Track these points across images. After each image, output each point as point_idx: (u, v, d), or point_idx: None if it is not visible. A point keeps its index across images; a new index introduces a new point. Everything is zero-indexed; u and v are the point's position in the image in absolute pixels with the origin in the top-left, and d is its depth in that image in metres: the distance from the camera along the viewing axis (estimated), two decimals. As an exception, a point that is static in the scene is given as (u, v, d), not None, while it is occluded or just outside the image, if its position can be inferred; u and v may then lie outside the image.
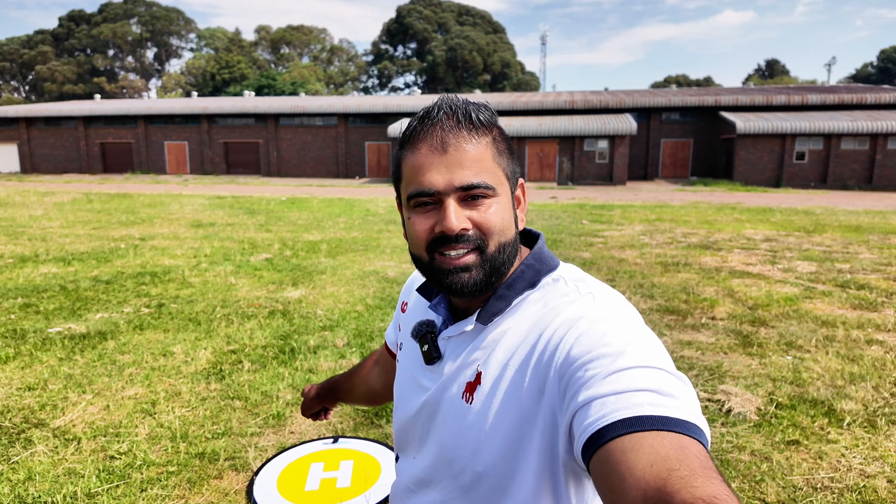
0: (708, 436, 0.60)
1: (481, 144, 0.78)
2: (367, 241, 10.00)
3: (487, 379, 0.78)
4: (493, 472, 0.77)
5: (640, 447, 0.56)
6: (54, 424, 3.22)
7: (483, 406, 0.78)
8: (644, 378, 0.62)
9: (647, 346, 0.68)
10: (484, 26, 70.53)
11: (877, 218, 13.76)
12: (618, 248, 9.34)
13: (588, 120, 28.43)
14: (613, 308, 0.75)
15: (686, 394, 0.63)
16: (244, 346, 4.50)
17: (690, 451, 0.55)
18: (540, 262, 0.83)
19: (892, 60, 65.37)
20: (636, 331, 0.70)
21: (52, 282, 6.64)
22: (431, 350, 0.87)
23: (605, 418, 0.60)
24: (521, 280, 0.82)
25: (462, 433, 0.80)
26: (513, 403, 0.75)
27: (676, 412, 0.59)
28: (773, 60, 73.70)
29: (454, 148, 0.76)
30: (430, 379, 0.87)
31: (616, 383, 0.62)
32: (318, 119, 33.75)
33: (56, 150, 36.14)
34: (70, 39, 69.33)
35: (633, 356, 0.65)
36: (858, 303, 5.87)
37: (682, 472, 0.53)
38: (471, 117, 0.78)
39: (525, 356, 0.76)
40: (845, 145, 25.52)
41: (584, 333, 0.70)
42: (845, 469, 2.81)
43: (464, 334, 0.85)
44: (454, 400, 0.82)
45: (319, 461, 2.92)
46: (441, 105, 0.79)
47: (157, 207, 15.70)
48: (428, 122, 0.78)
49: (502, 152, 0.81)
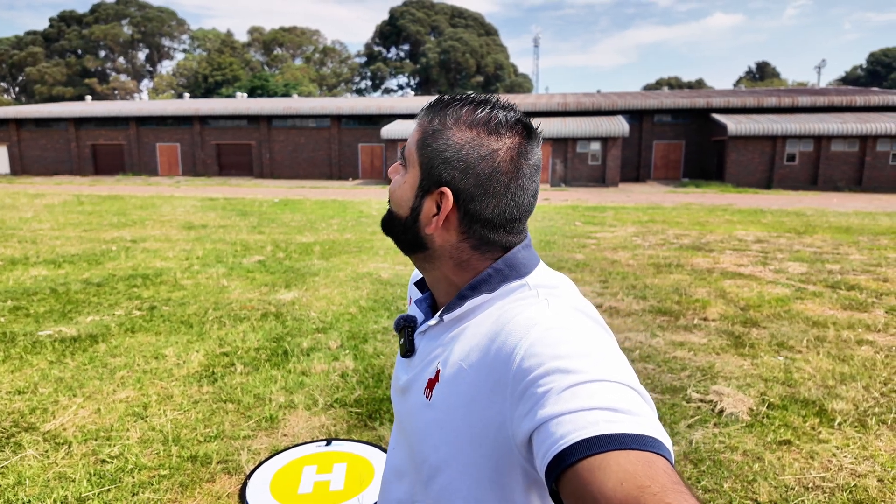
0: (671, 448, 0.59)
1: (421, 125, 0.83)
2: (360, 242, 9.99)
3: (444, 377, 0.80)
4: (446, 469, 0.79)
5: (606, 466, 0.55)
6: (44, 428, 3.19)
7: (440, 403, 0.79)
8: (599, 393, 0.61)
9: (602, 357, 0.66)
10: (477, 28, 70.66)
11: (866, 219, 13.87)
12: (610, 249, 9.38)
13: (581, 122, 28.53)
14: (568, 315, 0.74)
15: (643, 407, 0.62)
16: (237, 349, 4.48)
17: (658, 467, 0.55)
18: (510, 268, 0.83)
19: (881, 63, 66.00)
20: (591, 341, 0.69)
21: (43, 284, 6.59)
22: (406, 344, 0.90)
23: (564, 440, 0.59)
24: (486, 283, 0.82)
25: (422, 428, 0.82)
26: (465, 405, 0.75)
27: (635, 428, 0.58)
28: (763, 63, 74.23)
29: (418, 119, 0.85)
30: (406, 372, 0.90)
31: (571, 401, 0.61)
32: (311, 120, 33.68)
33: (46, 152, 35.88)
34: (61, 40, 68.89)
35: (587, 369, 0.63)
36: (849, 303, 5.92)
37: (653, 488, 0.52)
38: (446, 105, 0.82)
39: (479, 358, 0.76)
40: (835, 147, 25.73)
41: (536, 342, 0.69)
42: (836, 468, 2.83)
43: (431, 331, 0.87)
44: (418, 395, 0.84)
45: (312, 464, 2.91)
46: (462, 95, 0.84)
47: (149, 209, 15.61)
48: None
49: (432, 146, 0.81)
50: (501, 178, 0.79)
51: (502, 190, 0.79)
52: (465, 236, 0.82)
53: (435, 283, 0.88)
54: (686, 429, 3.24)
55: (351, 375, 3.96)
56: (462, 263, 0.83)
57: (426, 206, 0.82)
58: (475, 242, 0.82)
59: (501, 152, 0.79)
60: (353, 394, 3.67)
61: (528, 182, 0.81)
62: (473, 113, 0.80)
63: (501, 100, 0.83)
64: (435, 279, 0.87)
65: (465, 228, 0.81)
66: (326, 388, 3.76)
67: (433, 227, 0.82)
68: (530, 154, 0.81)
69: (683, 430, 3.22)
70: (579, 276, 7.24)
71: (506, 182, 0.79)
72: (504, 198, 0.80)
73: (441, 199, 0.81)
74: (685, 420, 3.34)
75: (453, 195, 0.80)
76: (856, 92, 32.08)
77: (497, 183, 0.79)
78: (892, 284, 6.76)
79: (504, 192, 0.79)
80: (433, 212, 0.81)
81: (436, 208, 0.81)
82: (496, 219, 0.81)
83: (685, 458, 2.94)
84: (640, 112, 31.01)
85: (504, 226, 0.81)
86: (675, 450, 3.01)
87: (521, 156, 0.79)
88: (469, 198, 0.80)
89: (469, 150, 0.79)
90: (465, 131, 0.79)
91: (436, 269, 0.86)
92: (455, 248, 0.83)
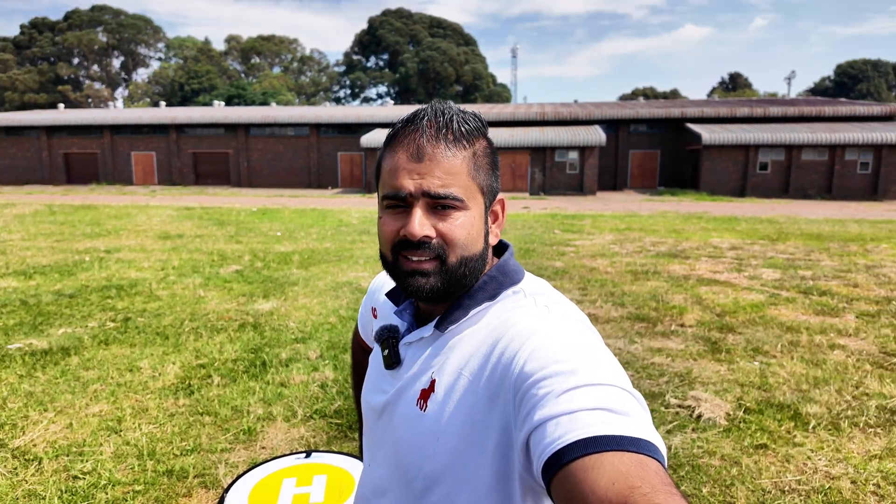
0: (663, 451, 0.61)
1: (458, 157, 0.78)
2: (340, 251, 9.93)
3: (441, 387, 0.79)
4: (444, 480, 0.78)
5: (600, 466, 0.56)
6: (13, 444, 3.10)
7: (436, 414, 0.78)
8: (596, 396, 0.63)
9: (600, 362, 0.68)
10: (455, 38, 71.10)
11: (836, 226, 14.22)
12: (589, 257, 9.46)
13: (559, 131, 28.83)
14: (566, 323, 0.75)
15: (638, 410, 0.63)
16: (214, 360, 4.41)
17: (650, 468, 0.56)
18: (503, 275, 0.84)
19: (848, 75, 67.94)
20: (589, 347, 0.71)
21: (13, 296, 6.42)
22: (391, 355, 0.88)
23: (561, 440, 0.60)
24: (483, 291, 0.83)
25: (415, 440, 0.81)
26: (465, 413, 0.75)
27: (630, 430, 0.60)
28: (736, 73, 75.90)
29: (430, 157, 0.77)
30: (390, 384, 0.88)
31: (569, 402, 0.62)
32: (290, 129, 33.47)
33: (17, 161, 35.06)
34: (33, 47, 67.57)
35: (585, 374, 0.65)
36: (821, 309, 6.05)
37: (643, 489, 0.54)
38: (453, 128, 0.79)
39: (479, 366, 0.76)
40: (806, 156, 26.36)
41: (537, 349, 0.70)
42: (811, 471, 2.88)
43: (423, 340, 0.86)
44: (409, 406, 0.82)
45: (292, 476, 2.87)
46: (427, 112, 0.80)
47: (124, 219, 15.34)
48: (410, 128, 0.79)
49: (481, 167, 0.81)
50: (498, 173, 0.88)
51: (499, 186, 0.87)
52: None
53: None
54: (665, 434, 3.27)
55: (331, 386, 3.93)
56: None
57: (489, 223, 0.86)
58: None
59: (492, 146, 0.86)
60: (333, 404, 3.64)
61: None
62: (472, 122, 0.82)
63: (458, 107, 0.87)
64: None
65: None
66: (306, 399, 3.71)
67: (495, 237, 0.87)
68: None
69: (662, 435, 3.25)
70: (559, 283, 7.29)
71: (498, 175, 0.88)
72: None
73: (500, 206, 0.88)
74: (664, 425, 3.37)
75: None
76: (825, 102, 32.98)
77: (498, 180, 0.87)
78: (861, 290, 6.93)
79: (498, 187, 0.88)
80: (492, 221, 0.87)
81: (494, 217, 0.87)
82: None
83: (664, 463, 2.97)
84: (617, 122, 31.45)
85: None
86: (655, 456, 3.03)
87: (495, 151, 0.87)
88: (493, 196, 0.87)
89: (488, 154, 0.84)
90: (482, 141, 0.83)
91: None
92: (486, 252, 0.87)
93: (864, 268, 8.40)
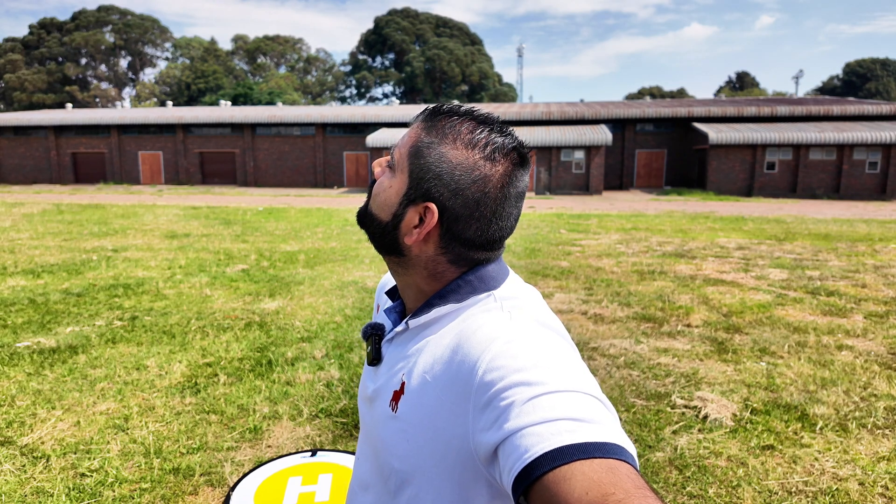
0: (632, 452, 0.60)
1: (415, 130, 0.83)
2: (345, 251, 9.95)
3: (409, 389, 0.79)
4: (412, 481, 0.78)
5: (571, 477, 0.56)
6: (22, 442, 3.12)
7: (405, 415, 0.78)
8: (561, 404, 0.62)
9: (562, 368, 0.67)
10: (461, 38, 71.09)
11: (844, 226, 14.13)
12: (595, 256, 9.44)
13: (564, 131, 28.79)
14: (530, 327, 0.74)
15: (604, 415, 0.63)
16: (220, 359, 4.42)
17: (621, 473, 0.56)
18: (479, 280, 0.82)
19: (856, 73, 67.51)
20: (551, 351, 0.69)
21: (21, 295, 6.47)
22: (373, 352, 0.89)
23: (529, 453, 0.59)
24: (454, 293, 0.82)
25: (388, 439, 0.81)
26: (428, 418, 0.75)
27: (595, 436, 0.59)
28: (743, 72, 75.53)
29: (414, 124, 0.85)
30: (374, 381, 0.89)
31: (533, 413, 0.61)
32: (296, 129, 33.57)
33: (25, 161, 35.33)
34: (41, 48, 68.03)
35: (548, 381, 0.64)
36: (828, 309, 6.01)
37: (617, 495, 0.53)
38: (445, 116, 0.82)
39: (441, 372, 0.75)
40: (813, 156, 26.22)
41: (498, 355, 0.69)
42: (818, 473, 2.87)
43: (398, 338, 0.86)
44: (384, 406, 0.83)
45: (297, 475, 2.87)
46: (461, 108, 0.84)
47: (131, 218, 15.42)
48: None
49: (425, 158, 0.79)
50: (489, 204, 0.79)
51: (488, 214, 0.79)
52: (443, 251, 0.81)
53: (405, 288, 0.87)
54: (671, 435, 3.26)
55: (336, 385, 3.93)
56: (436, 274, 0.83)
57: (409, 215, 0.81)
58: (452, 257, 0.82)
59: (494, 179, 0.78)
60: (339, 403, 3.65)
61: (513, 208, 0.81)
62: (472, 133, 0.79)
63: (499, 120, 0.82)
64: (406, 284, 0.87)
65: (444, 244, 0.81)
66: (311, 398, 3.72)
67: (413, 239, 0.81)
68: (519, 181, 0.81)
69: (668, 436, 3.24)
70: (564, 283, 7.28)
71: (493, 208, 0.79)
72: (488, 222, 0.79)
73: (425, 213, 0.80)
74: (670, 426, 3.36)
75: (438, 212, 0.79)
76: (833, 101, 32.77)
77: (484, 207, 0.78)
78: (870, 290, 6.88)
79: (489, 217, 0.79)
80: (415, 222, 0.80)
81: (418, 220, 0.80)
82: (477, 240, 0.80)
83: (670, 464, 2.96)
84: (623, 121, 31.37)
85: (484, 246, 0.81)
86: (660, 456, 3.02)
87: (510, 184, 0.79)
88: (454, 217, 0.79)
89: (462, 172, 0.78)
90: (462, 151, 0.78)
91: (408, 275, 0.85)
92: (431, 259, 0.82)
93: (872, 268, 8.35)
